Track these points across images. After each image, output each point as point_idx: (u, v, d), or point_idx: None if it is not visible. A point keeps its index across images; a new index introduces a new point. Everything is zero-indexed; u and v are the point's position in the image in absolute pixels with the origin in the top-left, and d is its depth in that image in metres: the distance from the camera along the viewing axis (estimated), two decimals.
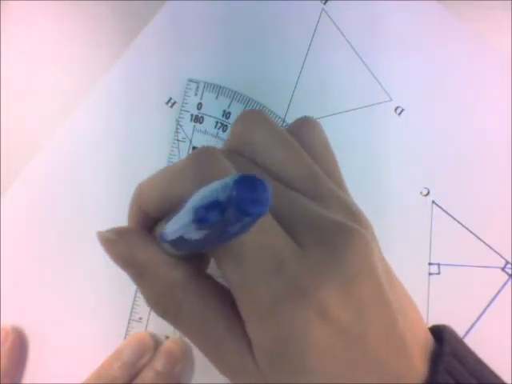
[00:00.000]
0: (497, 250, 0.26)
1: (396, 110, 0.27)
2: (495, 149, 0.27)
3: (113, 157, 0.27)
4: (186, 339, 0.26)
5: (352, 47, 0.28)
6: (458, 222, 0.26)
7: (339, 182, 0.20)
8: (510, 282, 0.26)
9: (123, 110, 0.27)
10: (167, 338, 0.26)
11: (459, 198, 0.27)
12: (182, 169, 0.17)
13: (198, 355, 0.26)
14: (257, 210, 0.12)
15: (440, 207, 0.27)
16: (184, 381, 0.26)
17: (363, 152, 0.27)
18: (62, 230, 0.27)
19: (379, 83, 0.27)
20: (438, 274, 0.26)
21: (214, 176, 0.14)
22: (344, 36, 0.28)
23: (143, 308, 0.26)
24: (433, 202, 0.27)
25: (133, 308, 0.26)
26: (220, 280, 0.18)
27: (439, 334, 0.19)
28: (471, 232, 0.26)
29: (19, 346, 0.26)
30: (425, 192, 0.27)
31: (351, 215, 0.18)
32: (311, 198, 0.18)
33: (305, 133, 0.20)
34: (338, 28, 0.28)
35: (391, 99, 0.27)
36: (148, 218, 0.19)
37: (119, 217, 0.27)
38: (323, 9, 0.28)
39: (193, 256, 0.18)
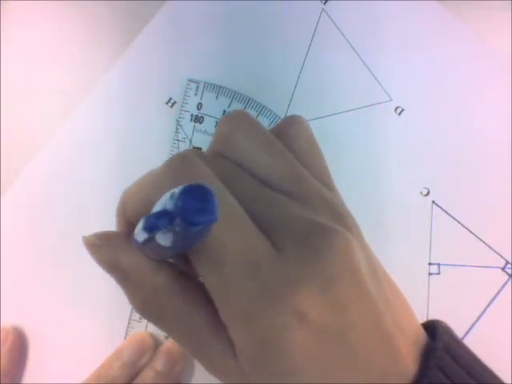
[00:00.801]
0: (497, 250, 0.26)
1: (396, 110, 0.27)
2: (495, 149, 0.27)
3: (113, 157, 0.27)
4: None
5: (352, 47, 0.28)
6: (458, 222, 0.26)
7: (326, 181, 0.20)
8: (510, 282, 0.26)
9: (123, 110, 0.27)
10: (167, 338, 0.26)
11: (459, 198, 0.27)
12: (161, 176, 0.17)
13: None
14: (203, 218, 0.12)
15: (440, 207, 0.27)
16: (184, 381, 0.26)
17: (363, 152, 0.27)
18: (62, 230, 0.27)
19: (379, 83, 0.27)
20: (438, 274, 0.26)
21: (191, 182, 0.14)
22: (344, 36, 0.28)
23: None
24: (433, 202, 0.27)
25: (133, 308, 0.26)
26: None
27: (432, 329, 0.19)
28: (471, 232, 0.26)
29: (19, 345, 0.26)
30: (425, 192, 0.27)
31: (336, 216, 0.18)
32: (296, 199, 0.18)
33: (290, 132, 0.20)
34: (337, 28, 0.28)
35: (391, 99, 0.27)
36: (132, 225, 0.19)
37: None
38: (323, 9, 0.28)
39: (178, 258, 0.18)
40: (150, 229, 0.13)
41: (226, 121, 0.19)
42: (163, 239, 0.14)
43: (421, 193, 0.27)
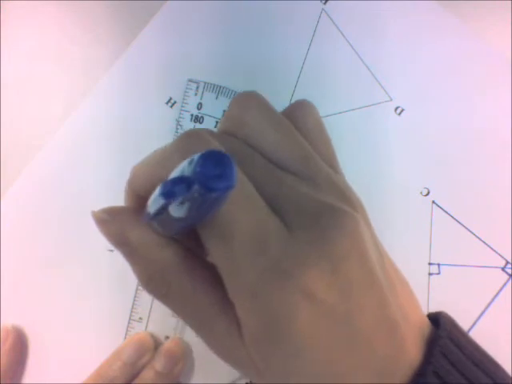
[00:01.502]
0: (497, 250, 0.26)
1: (396, 110, 0.27)
2: (495, 149, 0.27)
3: (113, 157, 0.27)
4: (187, 340, 0.26)
5: (352, 47, 0.28)
6: (458, 222, 0.26)
7: (333, 164, 0.20)
8: (509, 282, 0.26)
9: (123, 110, 0.27)
10: (167, 338, 0.26)
11: (459, 198, 0.27)
12: (170, 151, 0.17)
13: (198, 355, 0.26)
14: (222, 184, 0.12)
15: (440, 207, 0.27)
16: (184, 381, 0.26)
17: (363, 152, 0.27)
18: (62, 230, 0.27)
19: (379, 83, 0.27)
20: (438, 274, 0.26)
21: None
22: (344, 36, 0.28)
23: (143, 308, 0.26)
24: (433, 202, 0.27)
25: (133, 308, 0.26)
26: None
27: (436, 320, 0.19)
28: (471, 232, 0.26)
29: (19, 345, 0.26)
30: (425, 192, 0.27)
31: (343, 197, 0.18)
32: (303, 179, 0.18)
33: (299, 115, 0.20)
34: (337, 28, 0.28)
35: (391, 99, 0.27)
36: (141, 200, 0.19)
37: None
38: (323, 9, 0.28)
39: (185, 237, 0.18)
40: (167, 195, 0.13)
41: (237, 101, 0.20)
42: (177, 209, 0.14)
43: (421, 193, 0.27)
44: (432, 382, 0.17)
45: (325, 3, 0.28)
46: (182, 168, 0.13)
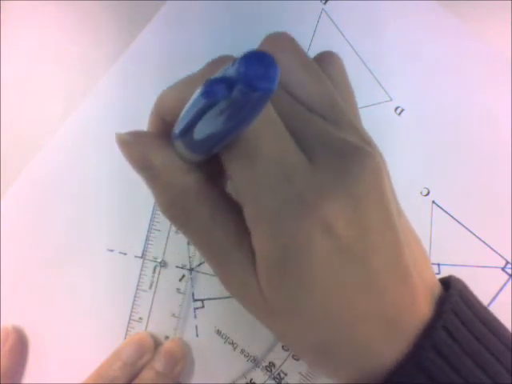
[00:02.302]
0: (497, 250, 0.26)
1: (396, 110, 0.27)
2: (495, 149, 0.27)
3: (113, 157, 0.27)
4: (186, 340, 0.26)
5: (352, 47, 0.28)
6: (458, 222, 0.26)
7: (355, 114, 0.20)
8: (509, 282, 0.26)
9: (123, 110, 0.27)
10: (167, 338, 0.26)
11: (459, 198, 0.27)
12: (200, 74, 0.17)
13: (198, 355, 0.26)
14: (264, 85, 0.12)
15: (440, 207, 0.27)
16: (184, 381, 0.26)
17: None
18: (62, 230, 0.27)
19: (379, 83, 0.27)
20: (438, 273, 0.26)
21: None
22: (344, 36, 0.28)
23: (143, 308, 0.26)
24: (433, 202, 0.27)
25: (133, 308, 0.26)
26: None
27: (446, 284, 0.19)
28: (471, 232, 0.26)
29: (20, 346, 0.26)
30: (425, 192, 0.27)
31: (365, 141, 0.18)
32: (329, 121, 0.18)
33: (326, 63, 0.20)
34: (337, 28, 0.28)
35: (391, 99, 0.27)
36: (166, 125, 0.19)
37: (119, 216, 0.27)
38: (323, 9, 0.28)
39: (207, 164, 0.18)
40: (209, 94, 0.12)
41: (270, 39, 0.20)
42: (210, 121, 0.14)
43: (421, 193, 0.27)
44: (441, 336, 0.17)
45: (325, 3, 0.28)
46: (223, 72, 0.13)
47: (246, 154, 0.16)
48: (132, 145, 0.18)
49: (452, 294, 0.18)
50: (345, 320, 0.17)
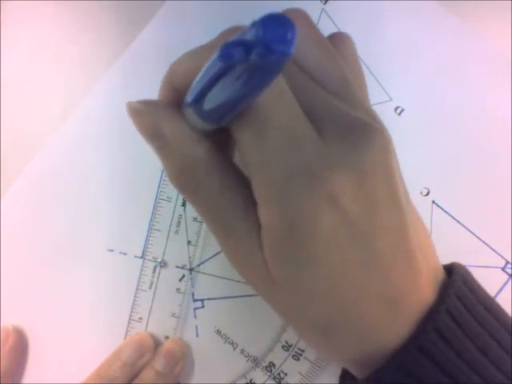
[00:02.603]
0: (497, 250, 0.26)
1: (396, 110, 0.27)
2: (495, 149, 0.27)
3: (113, 157, 0.27)
4: (186, 340, 0.26)
5: None
6: (458, 222, 0.26)
7: (365, 94, 0.20)
8: (510, 282, 0.26)
9: (123, 110, 0.27)
10: (167, 338, 0.26)
11: (459, 198, 0.26)
12: (214, 43, 0.17)
13: (198, 355, 0.26)
14: (282, 48, 0.12)
15: (440, 207, 0.27)
16: (184, 381, 0.26)
17: None
18: (62, 230, 0.27)
19: (379, 83, 0.27)
20: None
21: None
22: None
23: (143, 308, 0.26)
24: (433, 202, 0.27)
25: (133, 308, 0.26)
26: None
27: (450, 270, 0.19)
28: (471, 232, 0.26)
29: (20, 346, 0.26)
30: (425, 192, 0.27)
31: (375, 119, 0.18)
32: (339, 99, 0.18)
33: (338, 43, 0.20)
34: (337, 28, 0.28)
35: (391, 99, 0.27)
36: (178, 95, 0.19)
37: (120, 216, 0.27)
38: (323, 9, 0.28)
39: (216, 136, 0.18)
40: (226, 57, 0.12)
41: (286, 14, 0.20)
42: (224, 87, 0.13)
43: (421, 193, 0.27)
44: (444, 319, 0.17)
45: (325, 3, 0.28)
46: (240, 36, 0.13)
47: (256, 124, 0.16)
48: (143, 113, 0.19)
49: (455, 280, 0.18)
50: (346, 298, 0.17)
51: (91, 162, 0.27)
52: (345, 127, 0.17)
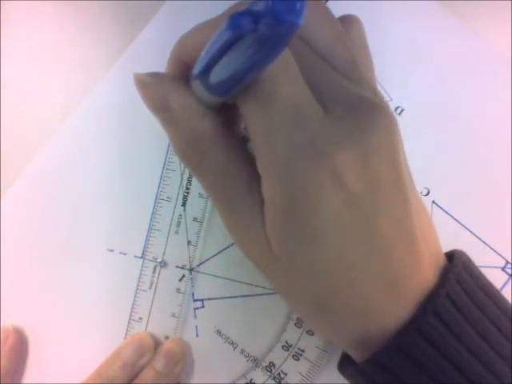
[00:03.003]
0: (497, 249, 0.26)
1: (396, 109, 0.27)
2: (495, 149, 0.27)
3: (113, 157, 0.27)
4: (186, 340, 0.26)
5: None
6: (458, 222, 0.26)
7: (373, 77, 0.21)
8: (510, 282, 0.26)
9: (123, 110, 0.27)
10: (167, 338, 0.26)
11: (459, 198, 0.26)
12: (223, 16, 0.18)
13: (198, 355, 0.26)
14: (291, 18, 0.12)
15: (440, 207, 0.27)
16: (184, 381, 0.26)
17: None
18: (62, 230, 0.27)
19: (379, 83, 0.27)
20: None
21: None
22: None
23: (143, 308, 0.26)
24: (433, 202, 0.27)
25: (133, 308, 0.26)
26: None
27: (451, 256, 0.19)
28: (471, 232, 0.26)
29: (20, 346, 0.26)
30: (425, 192, 0.27)
31: (380, 100, 0.18)
32: (346, 78, 0.18)
33: (348, 25, 0.20)
34: None
35: (391, 99, 0.27)
36: (185, 68, 0.19)
37: (120, 216, 0.27)
38: None
39: (222, 111, 0.18)
40: (234, 27, 0.12)
41: None
42: (233, 58, 0.13)
43: (421, 193, 0.27)
44: (444, 303, 0.17)
45: (325, 3, 0.28)
46: (248, 7, 0.13)
47: (262, 97, 0.16)
48: (150, 85, 0.18)
49: (456, 265, 0.18)
50: (345, 276, 0.17)
51: (91, 162, 0.27)
52: (352, 105, 0.17)
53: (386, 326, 0.17)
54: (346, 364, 0.21)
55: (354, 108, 0.17)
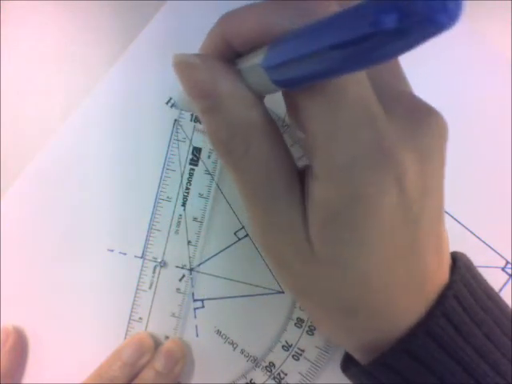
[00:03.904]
0: (497, 249, 0.26)
1: None
2: (495, 149, 0.27)
3: (113, 157, 0.27)
4: (186, 340, 0.26)
5: None
6: (458, 222, 0.26)
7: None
8: (510, 282, 0.26)
9: (123, 110, 0.27)
10: (167, 338, 0.26)
11: (459, 198, 0.26)
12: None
13: (198, 355, 0.26)
14: (445, 19, 0.10)
15: None
16: (184, 381, 0.26)
17: None
18: (62, 230, 0.27)
19: None
20: None
21: (324, 11, 0.14)
22: None
23: (143, 308, 0.26)
24: None
25: (133, 308, 0.26)
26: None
27: (453, 258, 0.20)
28: (471, 232, 0.26)
29: (20, 346, 0.26)
30: None
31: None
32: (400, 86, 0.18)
33: None
34: None
35: None
36: (229, 51, 0.17)
37: (120, 216, 0.27)
38: None
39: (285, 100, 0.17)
40: (376, 24, 0.10)
41: None
42: (342, 53, 0.11)
43: None
44: (452, 305, 0.17)
45: None
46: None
47: (332, 95, 0.15)
48: (196, 68, 0.16)
49: (460, 266, 0.18)
50: (380, 281, 0.16)
51: (91, 162, 0.27)
52: (411, 107, 0.17)
53: (397, 329, 0.17)
54: (349, 365, 0.21)
55: (413, 110, 0.17)
